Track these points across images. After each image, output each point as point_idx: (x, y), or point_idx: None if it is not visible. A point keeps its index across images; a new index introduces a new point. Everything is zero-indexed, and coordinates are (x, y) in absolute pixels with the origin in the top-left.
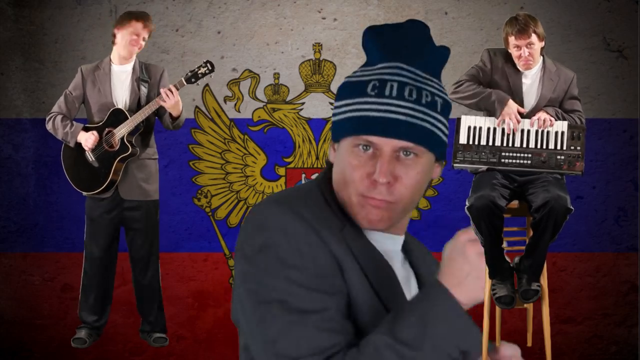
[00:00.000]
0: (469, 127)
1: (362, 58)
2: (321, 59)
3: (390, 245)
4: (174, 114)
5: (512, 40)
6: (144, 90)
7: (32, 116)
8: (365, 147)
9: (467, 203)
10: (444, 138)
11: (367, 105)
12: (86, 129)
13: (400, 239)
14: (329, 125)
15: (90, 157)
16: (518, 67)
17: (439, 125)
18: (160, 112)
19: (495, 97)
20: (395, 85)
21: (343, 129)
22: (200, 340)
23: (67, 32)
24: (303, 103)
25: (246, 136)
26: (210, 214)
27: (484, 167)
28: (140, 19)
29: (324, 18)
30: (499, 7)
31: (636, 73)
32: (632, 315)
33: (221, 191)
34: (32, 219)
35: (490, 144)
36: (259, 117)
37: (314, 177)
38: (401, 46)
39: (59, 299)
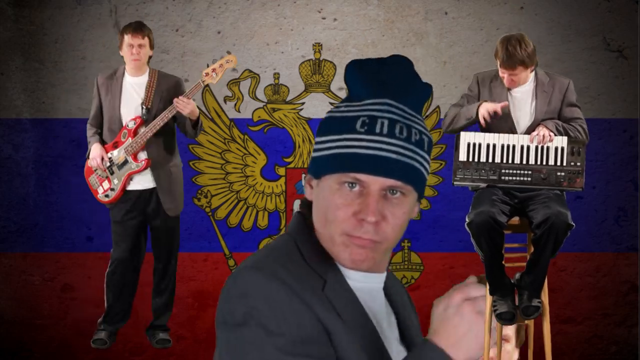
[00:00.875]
0: (469, 144)
1: (362, 57)
2: (321, 59)
3: (372, 283)
4: (193, 117)
5: (498, 63)
6: (156, 101)
7: (32, 116)
8: (351, 185)
9: (467, 219)
10: (426, 176)
11: (356, 142)
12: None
13: (383, 276)
14: None
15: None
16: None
17: (425, 164)
18: (179, 120)
19: (470, 105)
20: (386, 122)
21: (328, 165)
22: (200, 340)
23: (67, 32)
24: (303, 103)
25: (246, 136)
26: (210, 214)
27: (484, 185)
28: (128, 29)
29: (324, 18)
30: (499, 7)
31: (636, 73)
32: (632, 315)
33: (221, 191)
34: (32, 219)
35: (490, 160)
36: (259, 117)
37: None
38: (388, 82)
39: (59, 299)
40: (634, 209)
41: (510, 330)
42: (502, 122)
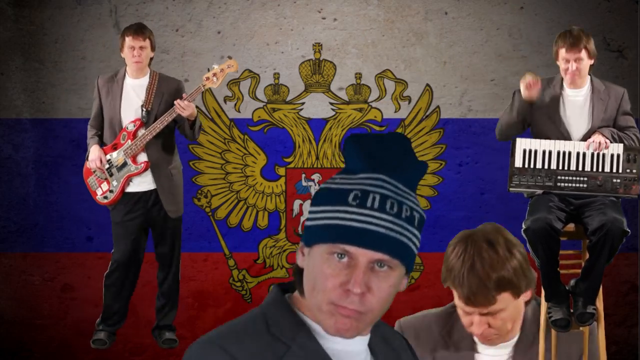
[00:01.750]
0: (524, 150)
1: (362, 58)
2: (321, 59)
3: (352, 346)
4: (190, 119)
5: (562, 52)
6: (156, 104)
7: (32, 116)
8: (340, 256)
9: (523, 226)
10: (415, 251)
11: (347, 215)
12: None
13: (366, 338)
14: (328, 125)
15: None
16: (564, 82)
17: (414, 240)
18: (178, 122)
19: (514, 98)
20: (377, 197)
21: (319, 235)
22: None
23: (67, 32)
24: (303, 103)
25: (246, 136)
26: (210, 214)
27: (540, 191)
28: (129, 31)
29: (324, 18)
30: (499, 7)
31: (636, 73)
32: (632, 315)
33: (221, 191)
34: (32, 219)
35: (546, 167)
36: (259, 117)
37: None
38: (384, 158)
39: (59, 299)
40: (634, 209)
41: None
42: (554, 126)
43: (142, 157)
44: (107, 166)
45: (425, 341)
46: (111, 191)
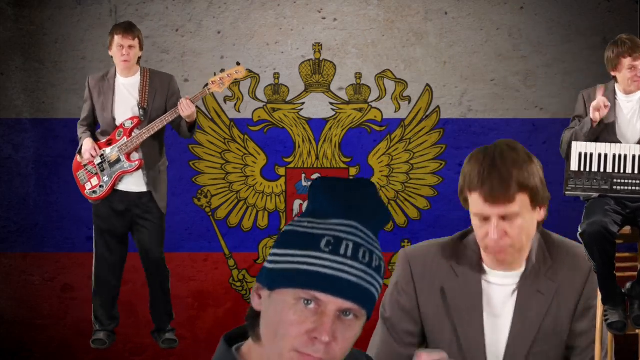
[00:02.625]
0: (580, 154)
1: (362, 58)
2: (321, 59)
3: None
4: (189, 120)
5: (627, 61)
6: (151, 100)
7: (32, 116)
8: (307, 302)
9: (579, 229)
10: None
11: (319, 261)
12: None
13: None
14: (328, 125)
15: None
16: (625, 88)
17: (379, 289)
18: (175, 121)
19: (584, 121)
20: (351, 245)
21: (286, 279)
22: (200, 340)
23: (67, 32)
24: (303, 103)
25: (246, 136)
26: (210, 214)
27: (596, 195)
28: (118, 29)
29: (324, 18)
30: (499, 7)
31: None
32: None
33: (221, 191)
34: (32, 219)
35: (602, 170)
36: (259, 117)
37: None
38: (358, 205)
39: (59, 299)
40: None
41: None
42: (609, 132)
43: (136, 156)
44: (99, 161)
45: (433, 271)
46: (101, 186)
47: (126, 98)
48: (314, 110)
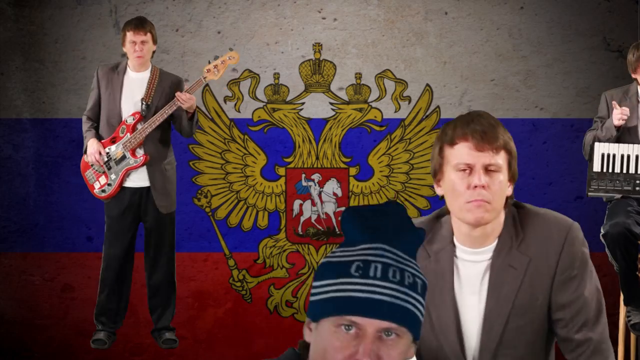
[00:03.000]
0: (603, 155)
1: (362, 58)
2: (321, 59)
3: None
4: (190, 111)
5: (636, 65)
6: (156, 98)
7: (32, 116)
8: (347, 327)
9: (602, 230)
10: (421, 318)
11: (351, 286)
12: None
13: None
14: (328, 125)
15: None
16: None
17: (419, 306)
18: (175, 118)
19: (606, 122)
20: (379, 266)
21: (325, 309)
22: (200, 340)
23: (67, 32)
24: (303, 103)
25: (246, 136)
26: (210, 214)
27: (619, 196)
28: (130, 25)
29: (324, 18)
30: (499, 7)
31: None
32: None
33: (221, 191)
34: (32, 219)
35: (625, 171)
36: (259, 117)
37: (312, 182)
38: (382, 227)
39: (59, 299)
40: None
41: None
42: (631, 135)
43: (141, 151)
44: (105, 159)
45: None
46: (109, 185)
47: (134, 93)
48: (314, 110)
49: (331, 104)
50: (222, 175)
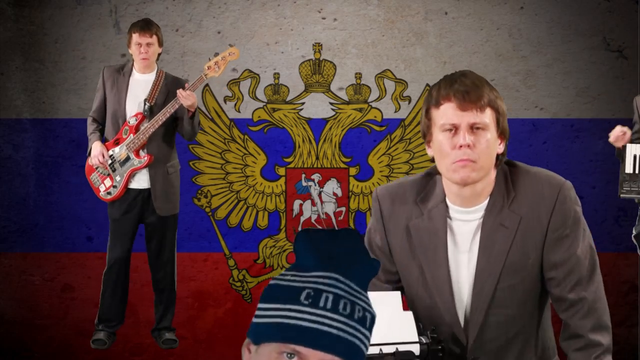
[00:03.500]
0: (635, 156)
1: (362, 58)
2: (321, 59)
3: None
4: (191, 109)
5: None
6: (160, 100)
7: (32, 116)
8: (290, 356)
9: (634, 231)
10: (365, 352)
11: (299, 314)
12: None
13: None
14: (328, 125)
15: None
16: None
17: (365, 341)
18: (178, 119)
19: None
20: (330, 297)
21: (269, 333)
22: (200, 340)
23: (67, 32)
24: (303, 103)
25: (246, 136)
26: (210, 214)
27: None
28: (135, 27)
29: (324, 18)
30: (499, 7)
31: (636, 73)
32: (632, 315)
33: (221, 191)
34: (32, 219)
35: None
36: (259, 117)
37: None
38: (338, 256)
39: (59, 299)
40: (633, 209)
41: None
42: None
43: (144, 152)
44: (109, 162)
45: (400, 209)
46: (115, 186)
47: (139, 94)
48: (314, 110)
49: (331, 104)
50: (222, 175)
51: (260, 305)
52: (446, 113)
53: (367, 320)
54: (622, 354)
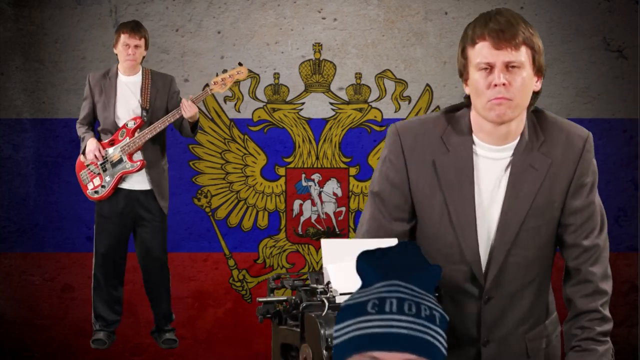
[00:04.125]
0: None
1: (362, 58)
2: (321, 59)
3: None
4: (192, 121)
5: None
6: (152, 100)
7: (32, 116)
8: None
9: None
10: (444, 351)
11: (368, 323)
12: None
13: None
14: (328, 125)
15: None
16: None
17: (439, 337)
18: (177, 121)
19: None
20: (394, 301)
21: (346, 349)
22: (200, 340)
23: (67, 32)
24: (303, 103)
25: (246, 136)
26: (210, 214)
27: None
28: (125, 28)
29: (324, 18)
30: (499, 7)
31: (636, 73)
32: (632, 315)
33: (221, 191)
34: (32, 219)
35: None
36: (259, 117)
37: (311, 182)
38: (396, 265)
39: (59, 299)
40: (634, 209)
41: None
42: None
43: (138, 156)
44: (101, 161)
45: (424, 145)
46: (103, 187)
47: (128, 97)
48: (314, 110)
49: (331, 104)
50: (222, 175)
51: (335, 328)
52: (481, 52)
53: (435, 318)
54: (622, 354)
